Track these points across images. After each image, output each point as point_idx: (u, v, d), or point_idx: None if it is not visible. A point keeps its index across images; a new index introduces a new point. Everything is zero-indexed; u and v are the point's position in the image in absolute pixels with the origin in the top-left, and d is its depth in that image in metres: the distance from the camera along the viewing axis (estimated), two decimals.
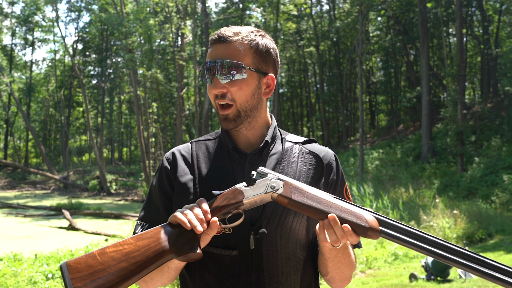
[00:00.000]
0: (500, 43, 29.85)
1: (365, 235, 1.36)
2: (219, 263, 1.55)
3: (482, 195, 16.69)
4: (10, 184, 35.34)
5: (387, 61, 35.53)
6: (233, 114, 1.59)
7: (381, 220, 1.38)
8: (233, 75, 1.56)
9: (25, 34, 46.36)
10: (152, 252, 1.33)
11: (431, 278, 8.22)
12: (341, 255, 1.54)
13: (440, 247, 1.33)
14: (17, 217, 18.85)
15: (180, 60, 26.26)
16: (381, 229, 1.36)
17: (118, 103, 49.94)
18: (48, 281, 7.06)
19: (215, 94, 1.59)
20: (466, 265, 1.30)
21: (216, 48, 1.60)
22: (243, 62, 1.57)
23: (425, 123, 23.27)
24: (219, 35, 1.60)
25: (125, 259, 1.30)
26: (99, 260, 1.29)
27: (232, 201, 1.42)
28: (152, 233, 1.37)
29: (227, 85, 1.57)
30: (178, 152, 1.70)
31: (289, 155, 1.65)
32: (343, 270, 1.61)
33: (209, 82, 1.59)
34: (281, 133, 1.74)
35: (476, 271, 1.29)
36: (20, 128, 50.27)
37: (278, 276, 1.55)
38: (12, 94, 38.71)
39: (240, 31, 1.62)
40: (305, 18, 36.93)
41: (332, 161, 1.69)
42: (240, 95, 1.58)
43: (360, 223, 1.36)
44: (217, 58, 1.57)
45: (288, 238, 1.56)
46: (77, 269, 1.28)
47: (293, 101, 43.07)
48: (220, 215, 1.42)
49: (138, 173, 35.73)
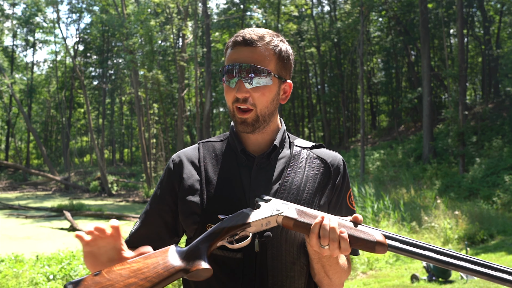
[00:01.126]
0: (501, 43, 29.85)
1: (373, 249, 1.37)
2: (223, 265, 1.54)
3: (483, 196, 16.68)
4: (11, 185, 35.37)
5: (388, 62, 35.54)
6: (252, 119, 1.57)
7: (387, 235, 1.38)
8: (259, 80, 1.55)
9: (26, 35, 46.46)
10: (161, 269, 1.32)
11: (432, 279, 8.22)
12: (326, 260, 1.52)
13: (447, 256, 1.34)
14: (18, 218, 18.87)
15: (181, 61, 26.28)
16: (388, 244, 1.37)
17: (119, 104, 50.02)
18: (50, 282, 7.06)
19: (236, 97, 1.56)
20: (473, 269, 1.31)
21: (240, 50, 1.57)
22: (268, 68, 1.56)
23: (426, 123, 23.27)
24: (245, 38, 1.57)
25: (134, 275, 1.29)
26: (106, 277, 1.28)
27: (239, 223, 1.41)
28: (160, 252, 1.37)
29: (251, 90, 1.55)
30: (184, 154, 1.70)
31: (296, 160, 1.65)
32: (331, 276, 1.58)
33: (232, 85, 1.56)
34: (290, 137, 1.73)
35: (483, 275, 1.30)
36: (21, 129, 50.36)
37: (282, 280, 1.54)
38: (13, 96, 38.75)
39: (264, 35, 1.59)
40: (306, 19, 36.96)
41: (339, 165, 1.69)
42: (262, 101, 1.57)
43: (368, 238, 1.37)
44: (242, 62, 1.55)
45: (293, 242, 1.56)
46: (84, 286, 1.26)
47: (294, 102, 43.04)
48: (227, 236, 1.41)
49: (139, 174, 35.75)
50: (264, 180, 1.57)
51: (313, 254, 1.51)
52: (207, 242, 1.39)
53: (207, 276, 1.36)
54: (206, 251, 1.38)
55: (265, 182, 1.56)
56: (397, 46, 33.66)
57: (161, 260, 1.34)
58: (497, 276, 1.29)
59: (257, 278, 1.52)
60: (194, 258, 1.36)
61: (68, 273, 7.51)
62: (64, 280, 7.39)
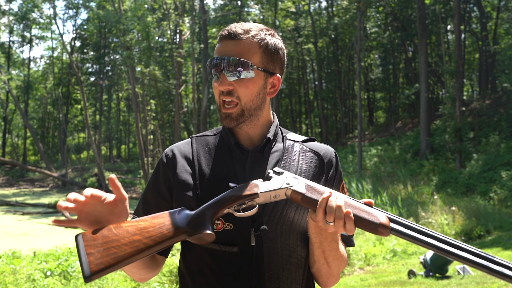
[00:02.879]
0: (498, 39, 29.86)
1: (376, 231, 1.36)
2: (219, 259, 1.54)
3: (480, 192, 16.72)
4: (8, 181, 35.33)
5: (386, 58, 35.54)
6: (236, 113, 1.58)
7: (392, 218, 1.38)
8: (240, 73, 1.55)
9: (22, 31, 46.33)
10: (166, 229, 1.37)
11: (429, 274, 8.24)
12: (327, 244, 1.53)
13: (450, 245, 1.33)
14: (16, 215, 18.85)
15: (178, 57, 26.24)
16: (391, 226, 1.36)
17: (116, 101, 49.90)
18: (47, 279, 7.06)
19: (220, 90, 1.58)
20: (474, 261, 1.30)
21: (225, 44, 1.58)
22: (252, 61, 1.56)
23: (424, 119, 23.30)
24: (229, 32, 1.58)
25: (139, 233, 1.35)
26: (114, 232, 1.34)
27: (247, 193, 1.43)
28: (167, 213, 1.41)
29: (234, 82, 1.56)
30: (177, 148, 1.70)
31: (290, 153, 1.65)
32: (330, 263, 1.59)
33: (216, 78, 1.58)
34: (282, 131, 1.73)
35: (484, 268, 1.29)
36: (18, 125, 50.26)
37: (279, 272, 1.54)
38: (10, 92, 38.66)
39: (250, 28, 1.60)
40: (303, 15, 36.89)
41: (332, 158, 1.70)
42: (246, 94, 1.57)
43: (372, 219, 1.37)
44: (225, 55, 1.56)
45: (289, 235, 1.56)
46: (92, 238, 1.32)
47: (291, 98, 43.06)
48: (235, 205, 1.43)
49: (137, 171, 35.74)
50: (258, 174, 1.57)
51: (315, 237, 1.52)
52: (213, 208, 1.41)
53: (209, 241, 1.39)
54: (211, 216, 1.40)
55: (259, 175, 1.56)
56: (394, 42, 33.66)
57: (167, 221, 1.39)
58: (498, 271, 1.27)
59: (253, 271, 1.53)
60: (198, 222, 1.39)
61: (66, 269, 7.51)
62: (61, 276, 7.39)
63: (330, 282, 1.67)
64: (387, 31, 34.52)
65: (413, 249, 10.53)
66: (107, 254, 1.30)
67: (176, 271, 6.44)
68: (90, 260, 1.28)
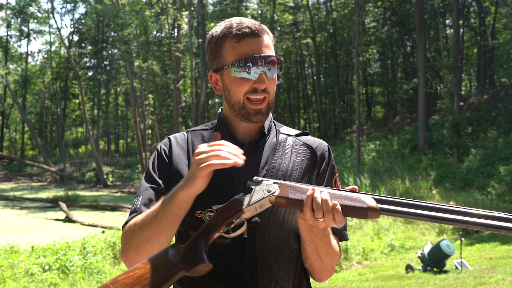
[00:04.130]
0: (497, 34, 29.86)
1: (366, 216, 1.34)
2: (212, 251, 1.53)
3: (478, 186, 16.75)
4: (6, 176, 35.31)
5: (384, 53, 35.52)
6: (265, 107, 1.60)
7: (378, 199, 1.35)
8: (276, 69, 1.59)
9: (20, 25, 46.17)
10: (162, 272, 1.35)
11: (427, 269, 8.26)
12: (319, 240, 1.52)
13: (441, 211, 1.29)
14: (14, 209, 18.84)
15: (177, 52, 26.18)
16: (380, 207, 1.34)
17: (114, 95, 49.81)
18: (45, 273, 7.07)
19: (254, 88, 1.57)
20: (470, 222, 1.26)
21: (252, 41, 1.58)
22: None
23: (422, 114, 23.31)
24: (251, 29, 1.58)
25: (137, 282, 1.33)
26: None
27: (233, 212, 1.42)
28: (159, 254, 1.40)
29: (270, 79, 1.59)
30: (174, 139, 1.70)
31: (283, 147, 1.67)
32: (323, 258, 1.59)
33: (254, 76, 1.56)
34: (276, 125, 1.75)
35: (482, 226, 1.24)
36: (16, 120, 50.18)
37: (271, 264, 1.55)
38: (8, 86, 38.56)
39: (259, 24, 1.63)
40: (301, 9, 36.82)
41: (325, 152, 1.71)
42: (273, 89, 1.61)
43: (359, 205, 1.34)
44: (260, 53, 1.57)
45: (281, 227, 1.57)
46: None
47: (289, 93, 42.99)
48: (223, 226, 1.42)
49: (135, 165, 35.72)
50: (252, 166, 1.58)
51: (306, 235, 1.51)
52: (203, 237, 1.40)
53: (208, 271, 1.38)
54: (203, 246, 1.39)
55: (253, 168, 1.58)
56: (392, 37, 33.63)
57: (161, 263, 1.37)
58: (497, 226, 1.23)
59: (246, 263, 1.53)
60: (193, 255, 1.38)
61: (64, 264, 7.51)
62: (59, 271, 7.40)
63: (324, 276, 1.67)
64: (385, 25, 34.45)
65: (411, 243, 10.56)
66: None
67: None
68: None
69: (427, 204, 1.31)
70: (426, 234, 11.36)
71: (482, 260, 8.88)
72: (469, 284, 7.02)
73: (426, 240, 10.69)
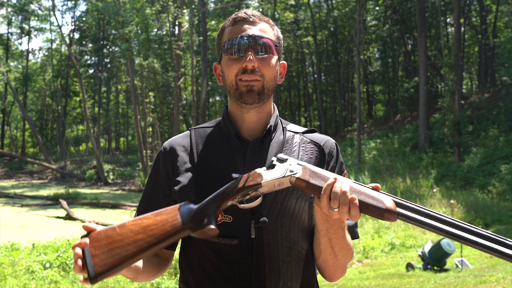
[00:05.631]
0: (498, 33, 29.81)
1: (382, 217, 1.33)
2: (219, 252, 1.54)
3: (479, 185, 16.74)
4: (7, 173, 35.32)
5: (385, 51, 35.48)
6: (258, 87, 1.57)
7: (398, 202, 1.34)
8: (267, 51, 1.57)
9: (21, 23, 46.14)
10: (169, 226, 1.37)
11: (427, 267, 8.26)
12: (334, 232, 1.50)
13: (460, 228, 1.28)
14: (14, 207, 18.84)
15: (177, 50, 26.17)
16: (398, 211, 1.33)
17: (115, 93, 49.81)
18: (46, 270, 7.06)
19: (244, 68, 1.56)
20: (485, 246, 1.25)
21: (244, 25, 1.59)
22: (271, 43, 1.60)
23: (423, 113, 23.28)
24: (247, 14, 1.60)
25: (143, 231, 1.35)
26: (118, 231, 1.35)
27: (251, 183, 1.41)
28: (171, 209, 1.41)
29: (259, 60, 1.56)
30: (176, 141, 1.69)
31: (290, 144, 1.64)
32: (337, 253, 1.57)
33: (240, 54, 1.56)
34: (282, 122, 1.72)
35: (495, 252, 1.24)
36: (16, 117, 50.18)
37: (279, 265, 1.53)
38: (9, 84, 38.54)
39: (261, 14, 1.64)
40: (302, 7, 36.77)
41: (333, 149, 1.69)
42: (268, 73, 1.58)
43: (378, 205, 1.33)
44: (250, 33, 1.57)
45: (289, 227, 1.55)
46: (96, 239, 1.33)
47: (290, 91, 42.98)
48: (238, 196, 1.42)
49: (135, 163, 35.74)
50: (259, 165, 1.55)
51: (321, 224, 1.49)
52: (216, 202, 1.40)
53: (213, 236, 1.38)
54: (214, 210, 1.39)
55: (260, 167, 1.54)
56: (393, 35, 33.58)
57: (170, 218, 1.38)
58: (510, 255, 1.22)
59: (253, 264, 1.52)
60: (202, 217, 1.38)
61: (65, 261, 7.51)
62: (60, 268, 7.40)
63: (337, 273, 1.65)
64: (386, 24, 34.42)
65: (412, 242, 10.56)
66: (111, 255, 1.31)
67: (175, 263, 6.45)
68: (95, 262, 1.29)
69: (446, 219, 1.30)
70: (426, 232, 11.36)
71: (482, 259, 8.87)
72: (469, 283, 7.02)
73: (426, 238, 10.68)
